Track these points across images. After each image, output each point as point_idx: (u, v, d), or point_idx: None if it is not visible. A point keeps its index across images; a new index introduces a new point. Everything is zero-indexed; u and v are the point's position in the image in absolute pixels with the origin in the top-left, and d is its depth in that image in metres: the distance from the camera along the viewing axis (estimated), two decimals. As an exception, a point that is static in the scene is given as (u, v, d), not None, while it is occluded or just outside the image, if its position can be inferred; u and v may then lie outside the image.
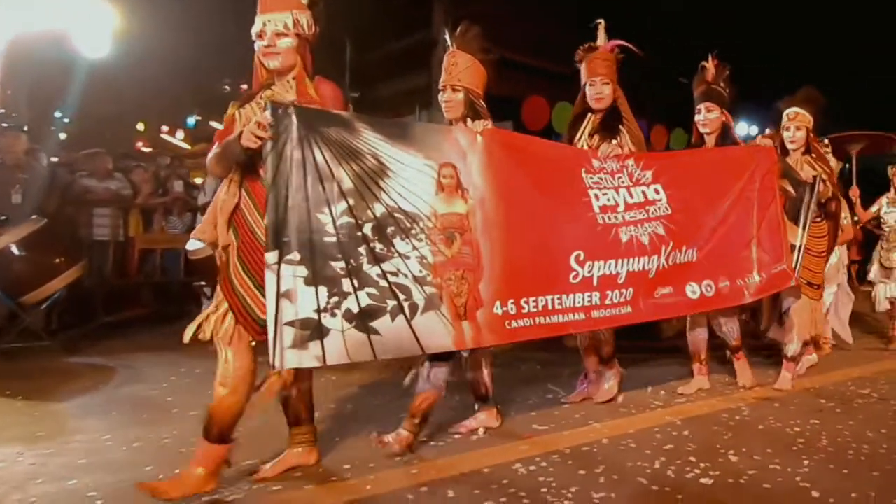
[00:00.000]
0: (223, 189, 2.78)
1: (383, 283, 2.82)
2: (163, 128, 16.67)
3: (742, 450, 3.17)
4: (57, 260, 5.77)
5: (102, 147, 8.16)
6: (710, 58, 4.31)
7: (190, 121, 16.60)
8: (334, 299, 2.72)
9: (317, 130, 2.73)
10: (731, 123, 4.38)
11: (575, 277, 3.39)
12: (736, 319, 4.39)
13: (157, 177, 8.53)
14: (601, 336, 3.94)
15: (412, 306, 2.88)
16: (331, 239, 2.74)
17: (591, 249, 3.45)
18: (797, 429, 3.49)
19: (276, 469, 2.92)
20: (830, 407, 3.93)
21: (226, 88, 13.12)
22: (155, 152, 11.37)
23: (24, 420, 3.76)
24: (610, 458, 3.09)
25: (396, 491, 2.77)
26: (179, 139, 16.35)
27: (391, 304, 2.84)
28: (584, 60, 3.94)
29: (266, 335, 2.64)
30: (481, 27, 3.50)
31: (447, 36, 3.50)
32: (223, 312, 2.71)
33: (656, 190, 3.75)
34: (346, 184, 2.77)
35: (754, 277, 3.98)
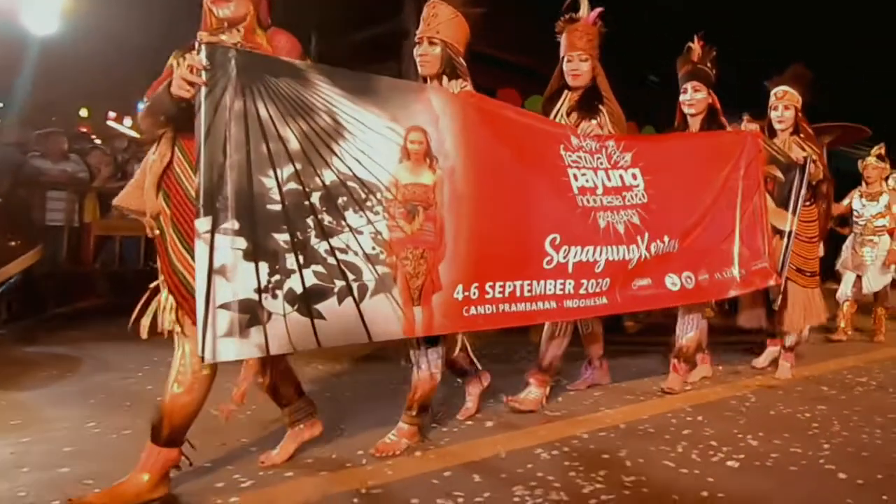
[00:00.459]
0: (153, 148, 2.42)
1: (331, 261, 2.47)
2: (109, 114, 15.88)
3: (759, 434, 3.15)
4: (12, 243, 5.40)
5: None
6: (696, 38, 4.09)
7: (140, 106, 15.65)
8: (276, 277, 2.35)
9: (262, 80, 2.34)
10: (718, 106, 4.12)
11: (549, 263, 3.11)
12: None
13: (116, 160, 8.11)
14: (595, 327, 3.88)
15: (361, 288, 2.54)
16: (275, 207, 2.36)
17: (569, 233, 3.17)
18: (807, 414, 3.51)
19: (284, 452, 2.74)
20: (833, 394, 3.97)
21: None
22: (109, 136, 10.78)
23: (-10, 409, 3.44)
24: (631, 443, 3.02)
25: (420, 476, 2.64)
26: (127, 126, 15.59)
27: (339, 285, 2.49)
28: (564, 32, 3.62)
29: None
30: None
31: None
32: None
33: (634, 175, 3.51)
34: (294, 144, 2.40)
35: (734, 272, 3.82)
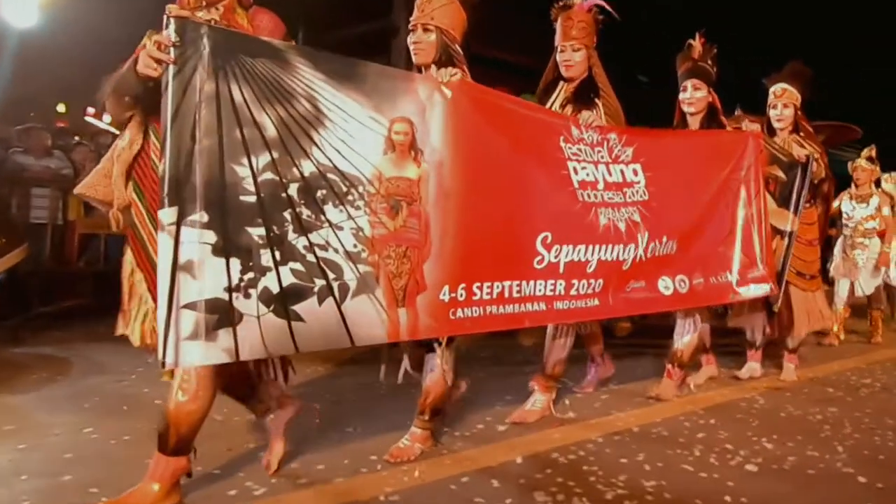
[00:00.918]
0: (123, 134, 2.29)
1: (311, 258, 2.29)
2: (88, 110, 15.56)
3: (773, 437, 3.13)
4: (-3, 241, 5.23)
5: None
6: (697, 35, 3.96)
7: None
8: (250, 275, 2.16)
9: (237, 60, 2.16)
10: (719, 105, 3.99)
11: (540, 262, 2.94)
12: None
13: (101, 156, 7.90)
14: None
15: (343, 287, 2.36)
16: (249, 198, 2.17)
17: (562, 230, 3.01)
18: (818, 416, 3.49)
19: (278, 448, 2.65)
20: (840, 396, 3.97)
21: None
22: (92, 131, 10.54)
23: (-19, 414, 3.31)
24: (646, 447, 2.98)
25: (438, 482, 2.57)
26: (107, 122, 15.29)
27: (319, 284, 2.31)
28: (559, 20, 3.44)
29: None
30: None
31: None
32: None
33: (635, 171, 3.35)
34: (270, 131, 2.22)
35: (730, 277, 3.69)
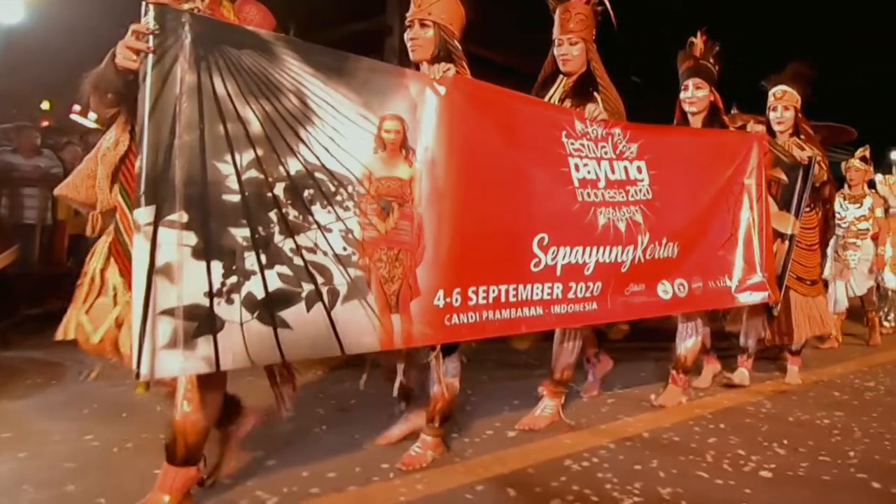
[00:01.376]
0: (107, 133, 2.20)
1: (298, 261, 2.18)
2: (74, 107, 15.30)
3: (784, 442, 3.11)
4: (-16, 243, 5.12)
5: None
6: (699, 33, 3.90)
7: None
8: (233, 279, 2.05)
9: (221, 51, 2.05)
10: (721, 105, 3.93)
11: (536, 265, 2.86)
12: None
13: (92, 156, 7.79)
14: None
15: (332, 292, 2.26)
16: (232, 198, 2.05)
17: (560, 231, 2.93)
18: (826, 421, 3.48)
19: (229, 459, 2.57)
20: (846, 400, 3.96)
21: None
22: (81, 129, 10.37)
23: (-25, 422, 3.21)
24: (659, 453, 2.95)
25: (452, 490, 2.53)
26: (92, 120, 15.08)
27: (307, 289, 2.20)
28: (556, 12, 3.32)
29: None
30: None
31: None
32: None
33: (639, 168, 3.27)
34: (255, 127, 2.12)
35: (729, 282, 3.65)
